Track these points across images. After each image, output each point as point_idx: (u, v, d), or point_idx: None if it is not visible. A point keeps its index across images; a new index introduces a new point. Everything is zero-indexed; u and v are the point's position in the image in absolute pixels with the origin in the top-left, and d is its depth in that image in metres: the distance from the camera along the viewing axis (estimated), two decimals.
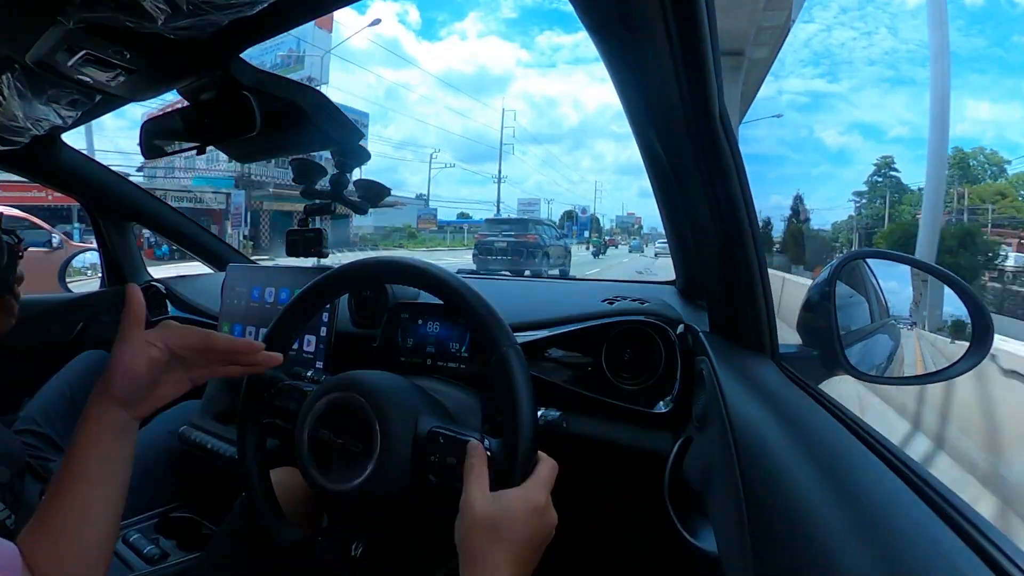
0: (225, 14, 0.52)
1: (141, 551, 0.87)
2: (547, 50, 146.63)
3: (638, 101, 0.57)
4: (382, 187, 0.96)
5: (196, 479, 1.08)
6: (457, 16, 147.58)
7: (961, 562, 0.26)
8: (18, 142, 0.92)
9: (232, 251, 1.58)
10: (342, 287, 0.68)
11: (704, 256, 0.65)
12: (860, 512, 0.32)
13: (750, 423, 0.48)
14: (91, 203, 1.43)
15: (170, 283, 1.44)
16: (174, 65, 0.66)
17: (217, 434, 1.02)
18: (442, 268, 0.59)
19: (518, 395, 0.52)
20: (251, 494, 0.65)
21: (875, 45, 60.87)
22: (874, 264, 0.79)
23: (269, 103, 0.68)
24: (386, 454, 0.54)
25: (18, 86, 0.74)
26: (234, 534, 0.75)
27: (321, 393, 0.60)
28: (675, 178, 0.61)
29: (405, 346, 0.87)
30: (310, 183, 0.90)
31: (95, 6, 0.50)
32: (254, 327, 1.02)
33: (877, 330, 0.81)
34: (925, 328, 0.97)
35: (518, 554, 0.47)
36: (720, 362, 0.60)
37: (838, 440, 0.42)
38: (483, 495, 0.50)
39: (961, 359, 0.65)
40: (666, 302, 0.85)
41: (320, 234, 0.97)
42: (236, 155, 0.82)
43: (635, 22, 0.45)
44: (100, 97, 0.80)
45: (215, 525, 0.96)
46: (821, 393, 0.53)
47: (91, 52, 0.60)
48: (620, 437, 0.74)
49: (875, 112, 76.34)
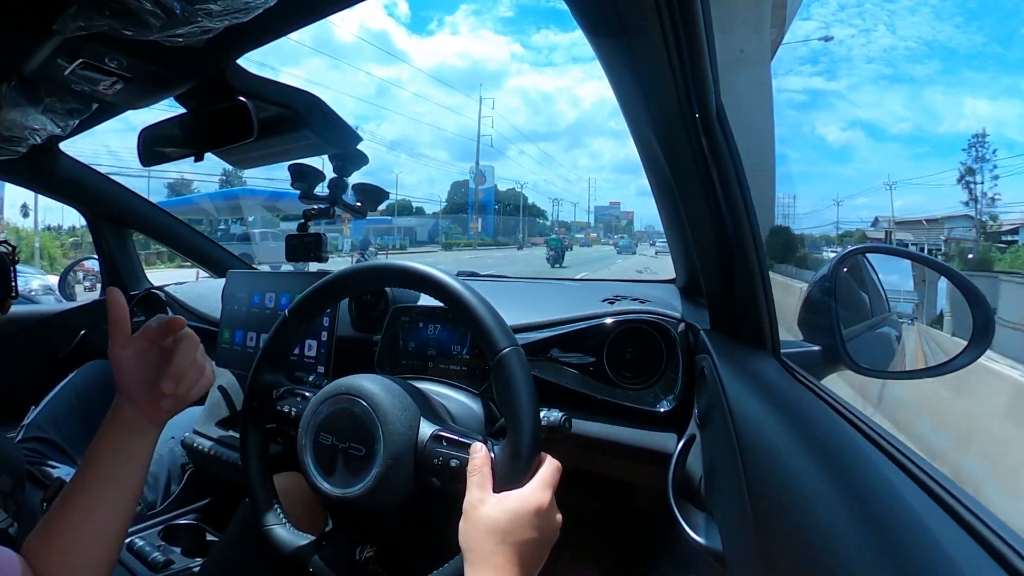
0: (221, 21, 0.53)
1: (146, 558, 0.87)
2: (544, 49, 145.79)
3: (636, 101, 0.57)
4: (381, 191, 0.96)
5: (200, 486, 1.08)
6: (448, 10, 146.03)
7: (966, 555, 0.26)
8: (17, 152, 0.92)
9: (232, 257, 1.58)
10: (343, 291, 0.68)
11: (703, 254, 0.65)
12: (864, 507, 0.32)
13: (753, 420, 0.48)
14: (90, 211, 1.43)
15: (170, 289, 1.44)
16: (171, 72, 0.66)
17: (220, 440, 1.02)
18: (441, 271, 0.60)
19: (520, 396, 0.52)
20: (254, 500, 0.65)
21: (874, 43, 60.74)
22: (874, 259, 0.79)
23: (266, 109, 0.68)
24: (389, 458, 0.54)
25: (15, 96, 0.74)
26: (238, 540, 0.75)
27: (323, 398, 0.60)
28: (674, 177, 0.61)
29: (406, 349, 0.87)
30: (308, 188, 0.91)
31: (91, 15, 0.50)
32: (255, 332, 1.02)
33: (878, 325, 0.81)
34: (924, 322, 0.97)
35: (522, 556, 0.47)
36: (722, 359, 0.60)
37: (841, 436, 0.42)
38: (487, 497, 0.50)
39: (962, 352, 0.65)
40: (667, 300, 0.85)
41: (320, 239, 0.97)
42: (234, 161, 0.82)
43: (630, 21, 0.45)
44: (97, 105, 0.80)
45: (219, 532, 0.96)
46: (823, 389, 0.53)
47: (87, 61, 0.61)
48: (623, 437, 0.74)
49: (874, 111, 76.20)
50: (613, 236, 52.87)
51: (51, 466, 1.02)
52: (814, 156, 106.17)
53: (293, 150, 0.80)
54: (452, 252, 31.95)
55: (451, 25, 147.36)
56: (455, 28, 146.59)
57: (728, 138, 0.53)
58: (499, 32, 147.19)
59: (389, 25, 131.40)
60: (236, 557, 0.75)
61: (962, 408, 2.46)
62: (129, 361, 0.54)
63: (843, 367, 0.67)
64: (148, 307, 1.42)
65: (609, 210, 67.85)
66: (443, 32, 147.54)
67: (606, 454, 0.76)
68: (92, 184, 1.34)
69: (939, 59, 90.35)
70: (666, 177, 0.63)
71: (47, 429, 1.10)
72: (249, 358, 0.98)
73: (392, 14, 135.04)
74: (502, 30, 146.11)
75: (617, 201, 74.95)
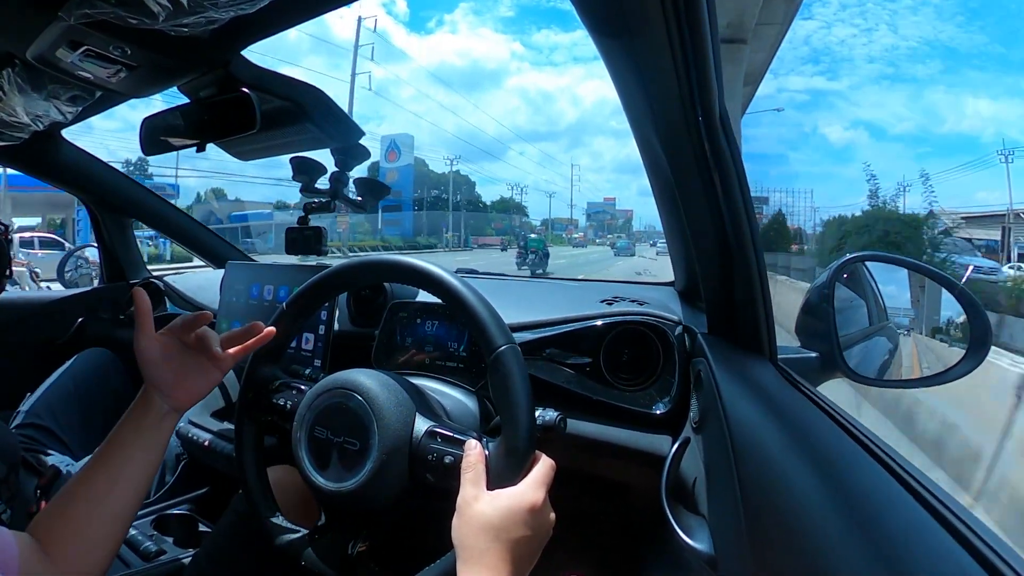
0: (226, 11, 0.52)
1: (138, 547, 0.87)
2: (545, 49, 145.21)
3: (638, 101, 0.57)
4: (382, 185, 0.96)
5: (194, 476, 1.08)
6: (447, 8, 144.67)
7: (955, 562, 0.26)
8: (18, 137, 0.92)
9: (231, 248, 1.58)
10: (341, 285, 0.68)
11: (703, 258, 0.65)
12: (856, 513, 0.32)
13: (748, 425, 0.48)
14: (91, 199, 1.43)
15: (168, 280, 1.44)
16: (175, 62, 0.66)
17: (215, 432, 1.02)
18: (441, 267, 0.60)
19: (516, 395, 0.52)
20: (248, 491, 0.65)
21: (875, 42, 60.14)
22: (873, 267, 0.79)
23: (269, 101, 0.68)
24: (383, 453, 0.54)
25: (18, 82, 0.74)
26: (231, 531, 0.75)
27: (319, 392, 0.60)
28: (675, 179, 0.61)
29: (403, 345, 0.87)
30: (309, 181, 0.90)
31: (96, 2, 0.50)
32: None
33: (875, 333, 0.81)
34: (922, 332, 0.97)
35: (515, 553, 0.47)
36: (718, 364, 0.60)
37: (835, 442, 0.42)
38: (480, 495, 0.50)
39: (959, 362, 0.65)
40: (665, 303, 0.85)
41: (319, 232, 0.97)
42: (236, 153, 0.82)
43: (636, 22, 0.45)
44: (100, 93, 0.79)
45: (212, 523, 0.96)
46: (818, 395, 0.53)
47: (92, 48, 0.60)
48: (618, 438, 0.74)
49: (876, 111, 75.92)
50: (607, 235, 44.53)
51: (46, 453, 1.02)
52: (816, 156, 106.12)
53: (295, 143, 0.79)
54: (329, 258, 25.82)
55: (450, 24, 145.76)
56: (454, 27, 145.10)
57: (731, 142, 0.53)
58: (499, 31, 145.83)
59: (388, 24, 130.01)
60: (228, 548, 0.75)
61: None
62: (156, 353, 0.59)
63: (839, 374, 0.67)
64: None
65: (602, 209, 58.98)
66: (442, 30, 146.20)
67: (601, 454, 0.76)
68: (93, 172, 1.34)
69: (941, 58, 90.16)
70: (667, 179, 0.63)
71: (43, 416, 1.10)
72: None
73: (391, 12, 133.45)
74: (502, 29, 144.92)
75: (612, 197, 65.65)
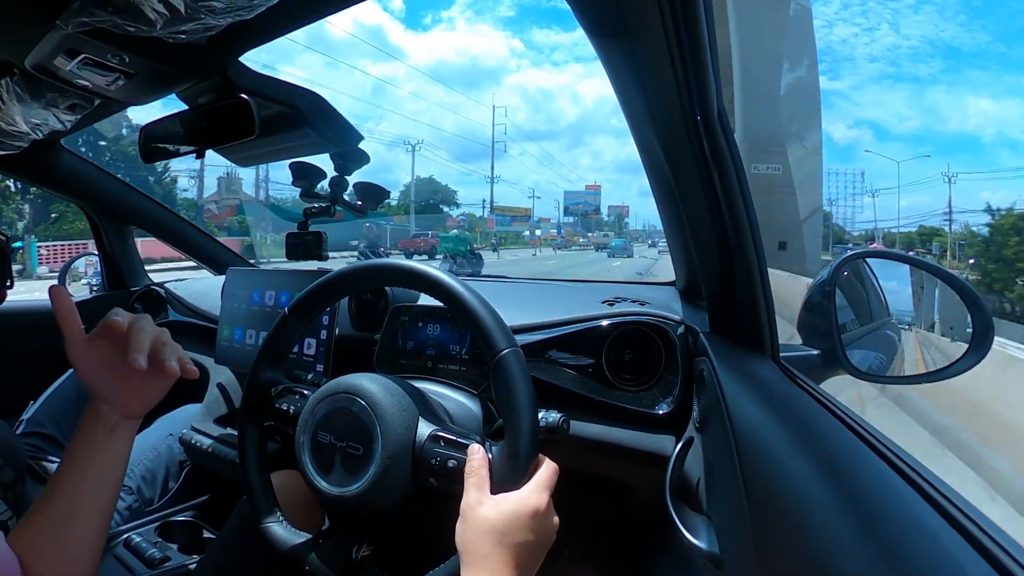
0: (223, 18, 0.53)
1: (142, 555, 0.87)
2: (545, 48, 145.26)
3: (637, 102, 0.57)
4: (381, 189, 0.96)
5: (197, 483, 1.08)
6: (445, 4, 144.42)
7: (962, 560, 0.26)
8: (18, 146, 0.92)
9: (232, 254, 1.58)
10: (342, 290, 0.68)
11: (704, 257, 0.65)
12: (861, 511, 0.32)
13: (751, 423, 0.48)
14: (91, 206, 1.43)
15: (170, 287, 1.44)
16: (173, 69, 0.66)
17: (218, 438, 1.02)
18: (442, 271, 0.60)
19: (519, 397, 0.52)
20: (252, 497, 0.65)
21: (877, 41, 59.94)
22: (874, 263, 0.79)
23: (268, 107, 0.68)
24: (387, 458, 0.54)
25: (17, 91, 0.74)
26: (235, 537, 0.75)
27: (322, 396, 0.60)
28: (674, 179, 0.61)
29: (405, 349, 0.87)
30: (309, 186, 0.91)
31: (93, 10, 0.50)
32: (254, 330, 1.02)
33: (877, 329, 0.81)
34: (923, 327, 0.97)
35: (519, 557, 0.47)
36: (721, 363, 0.59)
37: (839, 440, 0.42)
38: (484, 498, 0.50)
39: (961, 358, 0.65)
40: (666, 303, 0.85)
41: (320, 237, 0.97)
42: (235, 159, 0.82)
43: (633, 23, 0.45)
44: (99, 101, 0.80)
45: (216, 529, 0.96)
46: (822, 393, 0.53)
47: (90, 56, 0.61)
48: (621, 438, 0.74)
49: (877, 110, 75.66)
50: (592, 233, 33.44)
51: (50, 461, 1.02)
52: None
53: (294, 148, 0.80)
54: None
55: (448, 21, 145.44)
56: (452, 24, 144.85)
57: (729, 140, 0.54)
58: (498, 29, 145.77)
59: (384, 20, 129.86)
60: (233, 554, 0.75)
61: None
62: (91, 361, 0.53)
63: (842, 371, 0.67)
64: (148, 304, 1.42)
65: (583, 200, 42.69)
66: (440, 28, 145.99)
67: (604, 456, 0.76)
68: (93, 180, 1.34)
69: (942, 58, 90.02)
70: (667, 178, 0.63)
71: (46, 424, 1.10)
72: (248, 356, 0.98)
73: (387, 8, 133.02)
74: (502, 28, 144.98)
75: (596, 184, 48.26)
